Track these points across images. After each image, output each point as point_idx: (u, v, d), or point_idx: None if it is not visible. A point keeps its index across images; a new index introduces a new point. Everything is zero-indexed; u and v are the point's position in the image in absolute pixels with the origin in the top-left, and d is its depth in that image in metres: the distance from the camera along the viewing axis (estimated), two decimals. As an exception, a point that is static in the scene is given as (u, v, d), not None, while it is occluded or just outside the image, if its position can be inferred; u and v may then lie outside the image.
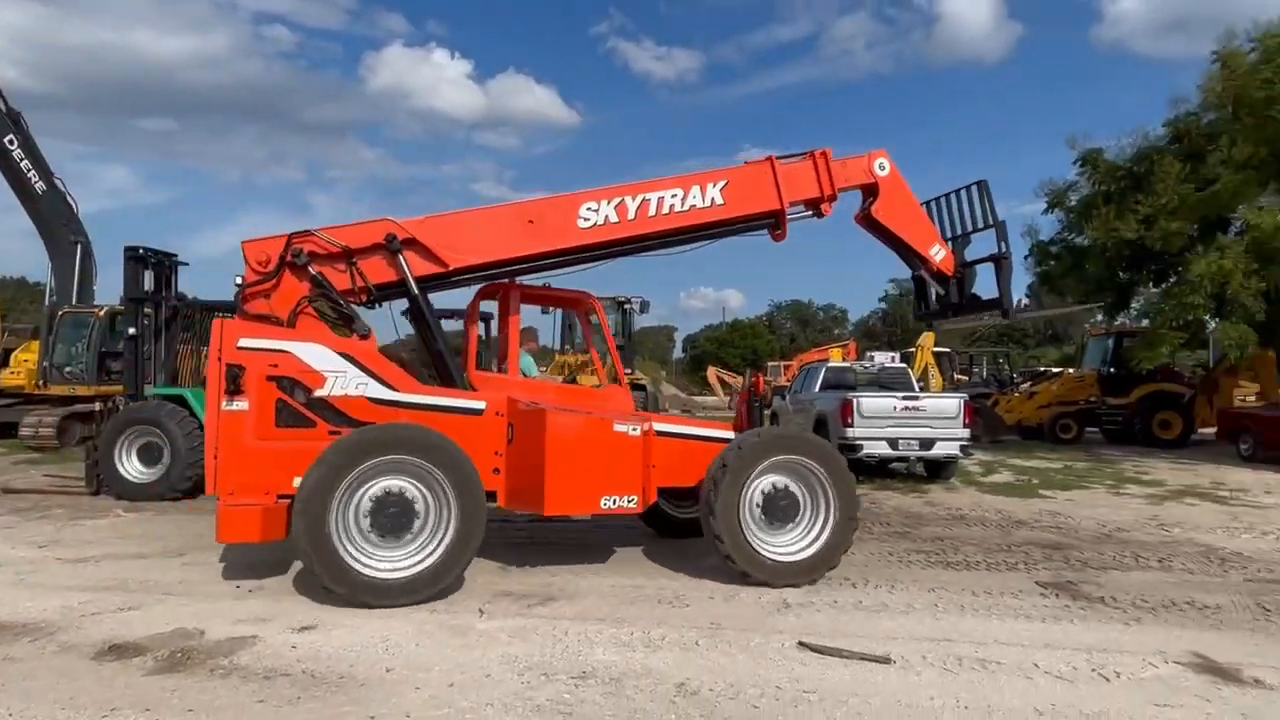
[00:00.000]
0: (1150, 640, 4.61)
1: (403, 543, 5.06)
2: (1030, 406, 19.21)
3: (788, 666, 4.08)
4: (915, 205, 7.09)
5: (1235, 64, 14.38)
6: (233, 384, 5.13)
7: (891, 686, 3.85)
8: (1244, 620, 5.07)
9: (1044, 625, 4.89)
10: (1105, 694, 3.80)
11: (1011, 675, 4.02)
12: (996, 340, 61.78)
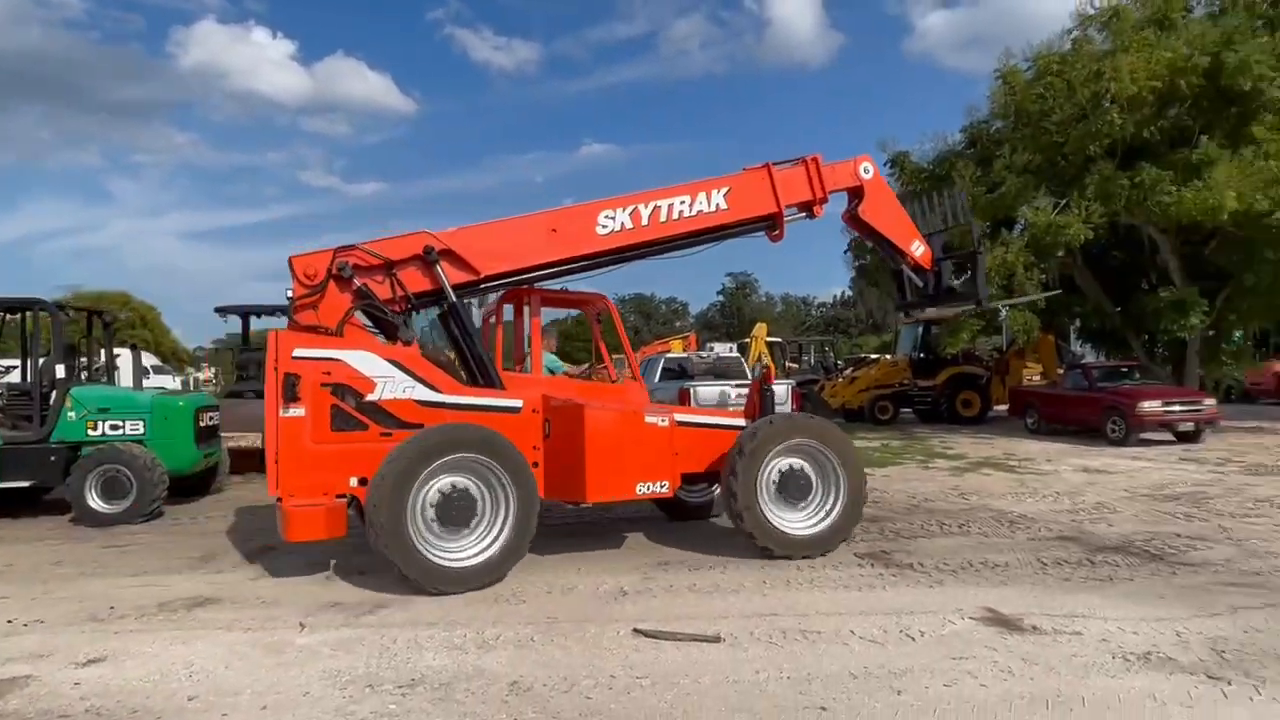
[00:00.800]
0: (950, 600, 5.05)
1: (462, 534, 5.42)
2: (852, 391, 20.58)
3: (622, 654, 4.11)
4: (897, 205, 7.64)
5: (1014, 80, 16.04)
6: (289, 392, 5.40)
7: (721, 664, 3.98)
8: (1027, 575, 5.66)
9: (860, 594, 5.24)
10: (911, 653, 4.12)
11: (830, 643, 4.27)
12: (824, 330, 65.89)
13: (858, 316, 69.34)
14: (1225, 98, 13.92)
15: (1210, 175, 13.60)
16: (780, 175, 7.03)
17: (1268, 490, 9.16)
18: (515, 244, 6.39)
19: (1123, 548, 6.43)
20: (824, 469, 6.30)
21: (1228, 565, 5.85)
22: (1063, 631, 4.41)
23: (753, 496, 6.04)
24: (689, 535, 7.14)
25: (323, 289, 5.77)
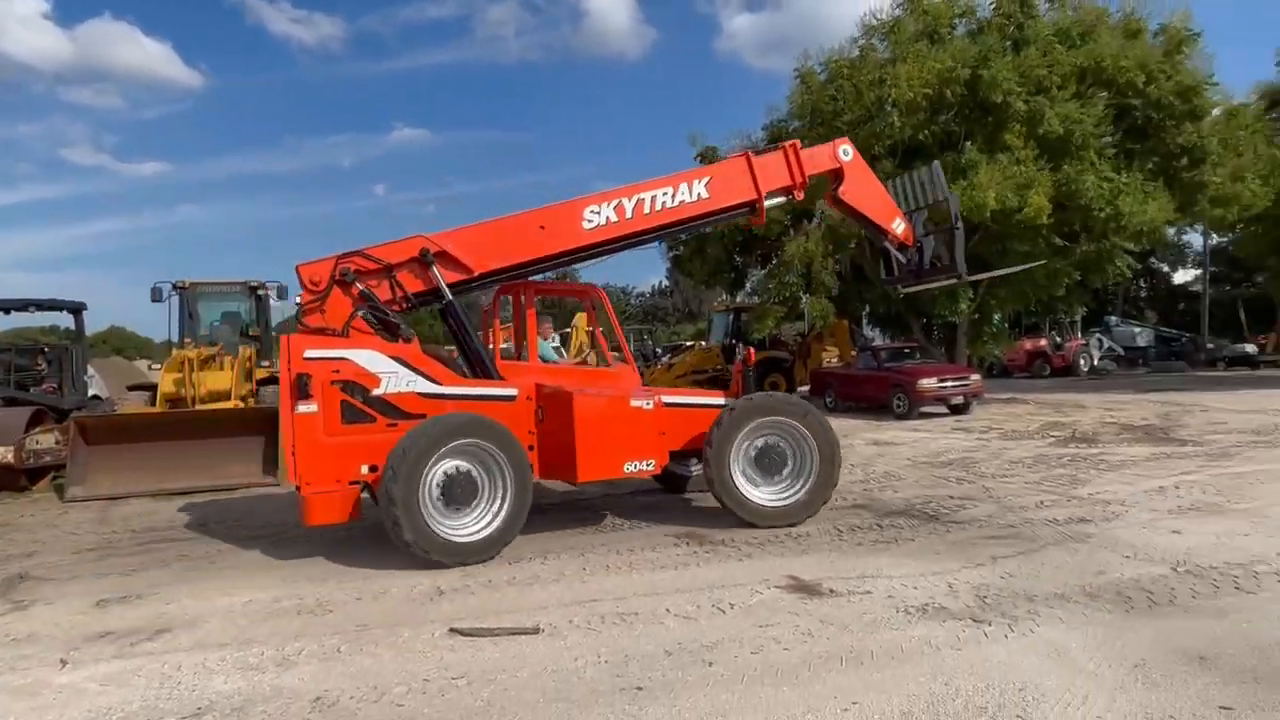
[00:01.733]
0: (758, 571, 5.34)
1: (463, 513, 5.85)
2: (669, 377, 21.21)
3: (437, 656, 3.98)
4: (876, 185, 7.81)
5: (810, 81, 17.18)
6: (302, 390, 5.84)
7: (540, 655, 3.96)
8: (825, 543, 6.10)
9: (675, 572, 5.41)
10: (722, 625, 4.30)
11: (647, 624, 4.37)
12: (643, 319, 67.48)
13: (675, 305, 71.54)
14: (983, 108, 15.67)
15: (975, 176, 15.28)
16: (760, 162, 7.28)
17: (1020, 453, 10.49)
18: (506, 242, 6.74)
19: (906, 511, 7.10)
20: (797, 444, 6.66)
21: (989, 520, 6.63)
22: (855, 592, 4.80)
23: (725, 469, 6.49)
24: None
25: (327, 294, 6.21)
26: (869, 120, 16.02)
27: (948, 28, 17.13)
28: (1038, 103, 14.82)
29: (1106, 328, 37.27)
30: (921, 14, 17.12)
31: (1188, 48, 15.71)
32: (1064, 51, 15.39)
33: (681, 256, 20.14)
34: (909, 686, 3.42)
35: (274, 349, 15.27)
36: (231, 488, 9.50)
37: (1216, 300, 42.73)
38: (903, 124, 15.54)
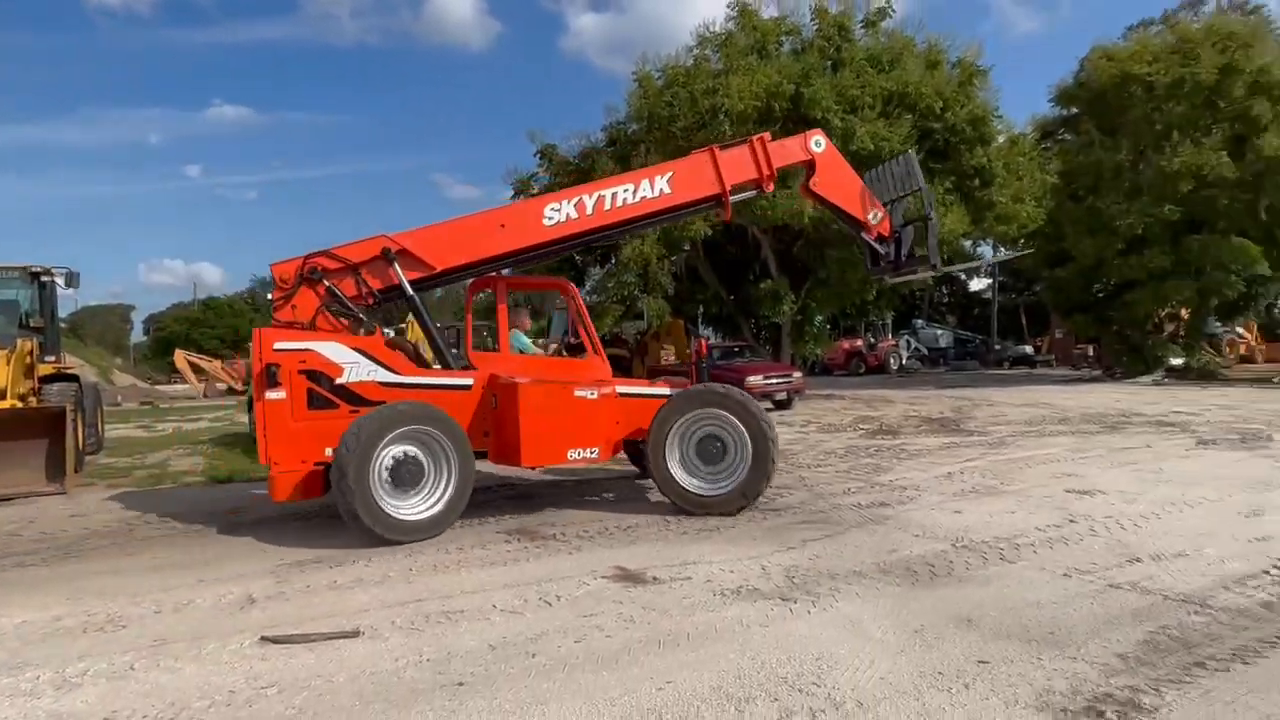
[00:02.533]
0: (586, 563, 5.46)
1: (411, 494, 6.25)
2: (509, 374, 21.06)
3: (245, 666, 3.77)
4: (850, 176, 7.69)
5: (648, 86, 17.63)
6: (271, 378, 6.28)
7: (358, 659, 3.85)
8: (652, 534, 6.32)
9: (505, 568, 5.42)
10: (548, 617, 4.38)
11: (472, 620, 4.36)
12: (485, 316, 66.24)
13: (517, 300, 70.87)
14: (805, 122, 16.72)
15: (794, 185, 16.28)
16: (724, 157, 7.28)
17: (834, 444, 11.33)
18: (466, 240, 7.01)
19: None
20: (735, 438, 6.77)
21: (802, 507, 7.14)
22: (677, 579, 5.02)
23: (662, 458, 6.75)
24: (335, 530, 6.76)
25: (295, 290, 6.65)
26: (703, 127, 16.66)
27: (775, 44, 18.15)
28: (851, 121, 16.04)
29: (914, 330, 40.88)
30: (752, 29, 18.03)
31: (978, 80, 17.57)
32: (875, 75, 16.75)
33: (521, 253, 20.03)
34: (720, 663, 3.65)
35: (60, 341, 13.70)
36: (9, 497, 8.46)
37: (1004, 307, 48.01)
38: (734, 132, 16.28)
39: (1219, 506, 6.59)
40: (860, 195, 7.73)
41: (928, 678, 3.44)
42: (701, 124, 16.74)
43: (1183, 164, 19.81)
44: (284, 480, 6.34)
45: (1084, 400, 17.17)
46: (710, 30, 18.47)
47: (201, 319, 61.65)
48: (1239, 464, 8.69)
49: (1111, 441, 10.81)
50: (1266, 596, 4.34)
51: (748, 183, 7.48)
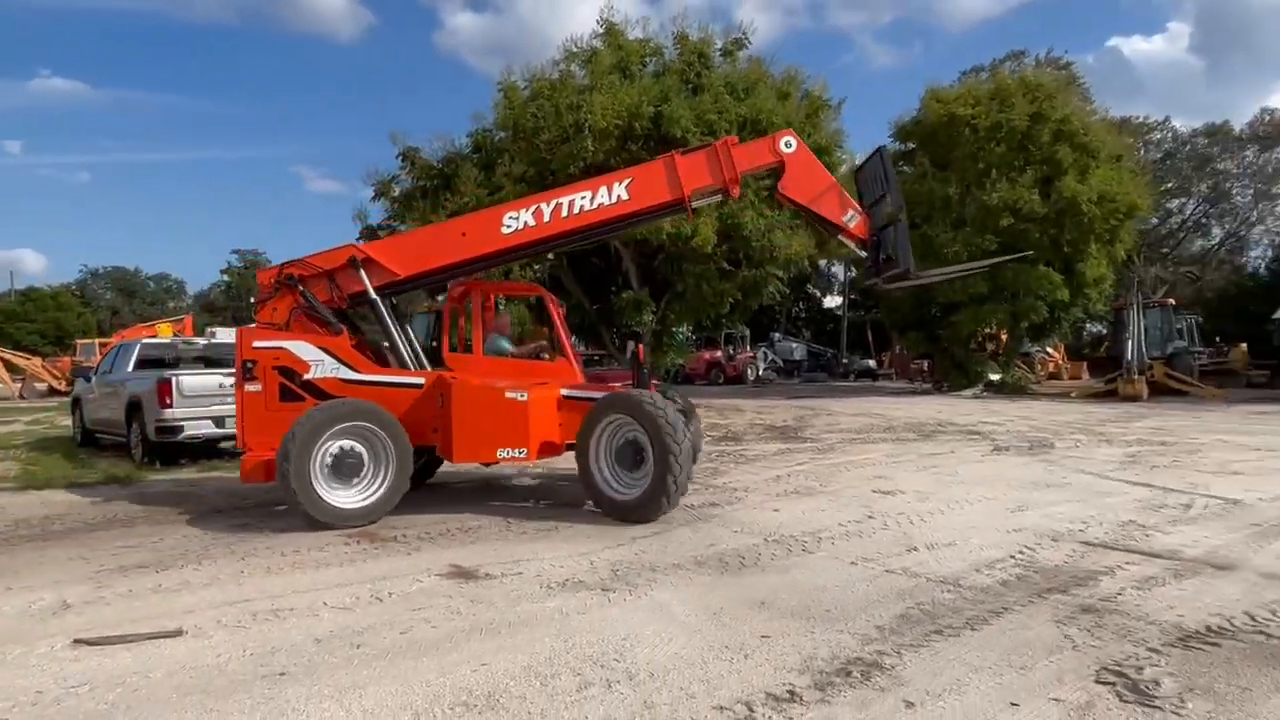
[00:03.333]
0: (423, 563, 5.65)
1: (351, 484, 6.85)
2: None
3: (55, 668, 3.76)
4: (822, 177, 7.43)
5: (513, 96, 17.84)
6: (249, 373, 7.17)
7: (179, 656, 3.91)
8: (494, 535, 6.57)
9: (340, 569, 5.53)
10: (378, 612, 4.57)
11: (301, 617, 4.48)
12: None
13: (380, 304, 68.66)
14: (665, 142, 17.46)
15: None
16: (684, 162, 7.29)
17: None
18: (429, 249, 7.55)
19: (572, 503, 7.86)
20: (647, 443, 6.72)
21: (638, 508, 7.59)
22: (509, 574, 5.32)
23: (585, 461, 6.94)
24: (161, 534, 6.60)
25: (274, 295, 7.47)
26: (566, 141, 17.05)
27: (639, 64, 18.82)
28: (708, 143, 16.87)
29: (771, 343, 42.93)
30: (617, 49, 18.62)
31: (824, 113, 18.93)
32: (731, 101, 17.73)
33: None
34: (535, 647, 3.99)
35: None
36: None
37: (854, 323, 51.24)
38: (595, 148, 16.78)
39: (993, 504, 7.58)
40: (833, 197, 7.43)
41: (715, 650, 3.91)
42: (565, 138, 17.12)
43: (1000, 199, 22.11)
44: (251, 463, 7.00)
45: (910, 411, 18.80)
46: (577, 46, 18.93)
47: (19, 311, 55.92)
48: (1021, 467, 9.94)
49: (923, 448, 12.01)
50: (1005, 577, 5.15)
51: (710, 188, 7.42)
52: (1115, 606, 4.51)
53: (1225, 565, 5.35)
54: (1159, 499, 7.67)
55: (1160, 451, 11.09)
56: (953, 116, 23.21)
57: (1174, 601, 4.59)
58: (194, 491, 8.87)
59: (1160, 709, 3.21)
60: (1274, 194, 43.19)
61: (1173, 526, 6.50)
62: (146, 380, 10.96)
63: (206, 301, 71.18)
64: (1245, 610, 4.39)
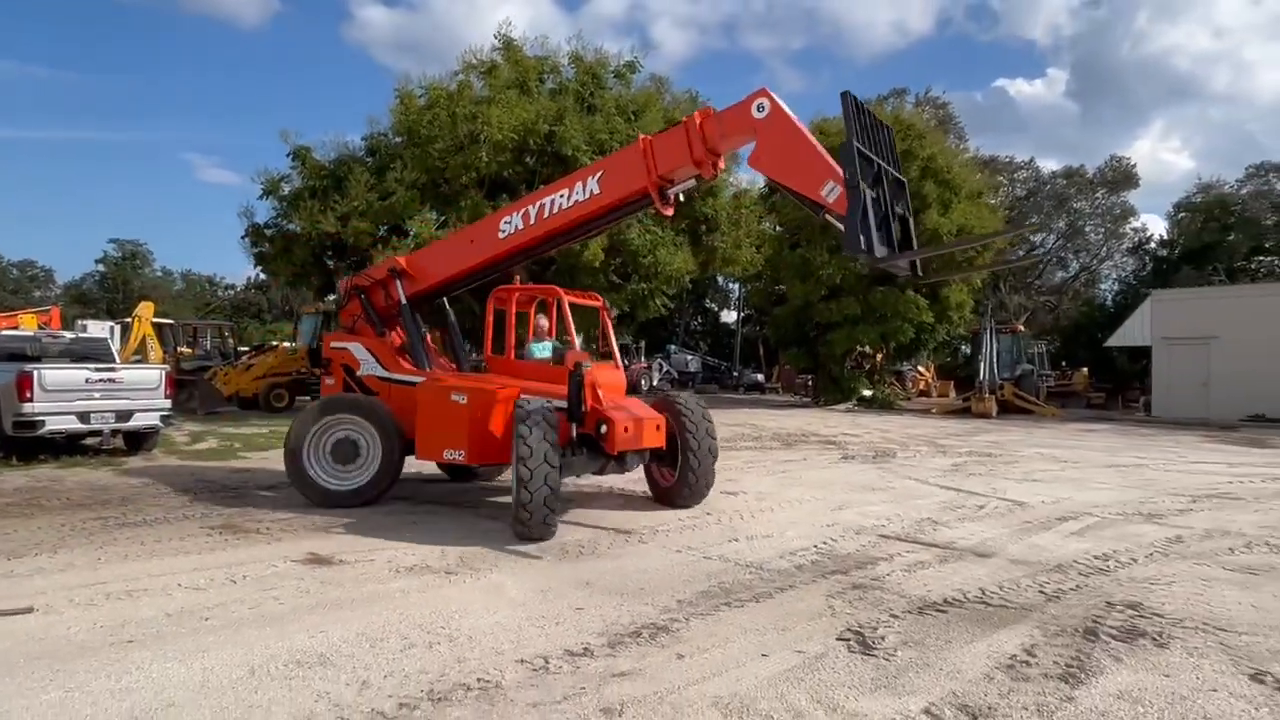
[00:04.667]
0: (282, 551, 6.02)
1: (348, 468, 7.75)
2: (247, 378, 20.19)
3: (-97, 639, 4.00)
4: (799, 145, 6.30)
5: (409, 103, 18.05)
6: (326, 368, 8.62)
7: (31, 628, 4.21)
8: (357, 526, 6.96)
9: (199, 556, 5.83)
10: (230, 592, 4.94)
11: (154, 596, 4.82)
12: (231, 314, 61.25)
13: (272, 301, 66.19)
14: (558, 158, 18.08)
15: (547, 215, 17.53)
16: (657, 143, 6.89)
17: (555, 454, 12.49)
18: (446, 257, 8.36)
19: (441, 499, 8.31)
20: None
21: (506, 504, 8.12)
22: (362, 560, 5.77)
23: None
24: (19, 524, 6.67)
25: (346, 301, 8.97)
26: (460, 150, 17.40)
27: (536, 81, 19.36)
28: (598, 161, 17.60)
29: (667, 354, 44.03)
30: (515, 64, 19.11)
31: (710, 139, 19.97)
32: (623, 122, 18.51)
33: (267, 254, 19.41)
34: (371, 618, 4.48)
35: None
36: None
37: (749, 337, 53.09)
38: (490, 160, 17.21)
39: (819, 504, 8.51)
40: (810, 166, 6.25)
41: (533, 620, 4.52)
42: (460, 147, 17.47)
43: (871, 228, 23.80)
44: None
45: (782, 423, 20.00)
46: (476, 58, 19.30)
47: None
48: (859, 473, 11.01)
49: (781, 455, 13.01)
50: (802, 562, 5.98)
51: (684, 170, 6.83)
52: (880, 584, 5.38)
53: (985, 553, 6.36)
54: (959, 501, 8.79)
55: (983, 461, 12.45)
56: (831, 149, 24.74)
57: (929, 581, 5.50)
58: (53, 487, 8.81)
59: (875, 656, 4.02)
60: (1120, 233, 47.76)
61: (960, 524, 7.55)
62: (6, 373, 10.67)
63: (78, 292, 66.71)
64: (981, 587, 5.34)
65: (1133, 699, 3.54)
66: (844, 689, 3.61)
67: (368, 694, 3.47)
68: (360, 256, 19.68)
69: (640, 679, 3.69)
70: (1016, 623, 4.60)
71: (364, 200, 17.24)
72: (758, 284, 29.08)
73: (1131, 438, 17.56)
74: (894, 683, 3.68)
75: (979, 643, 4.24)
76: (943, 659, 4.00)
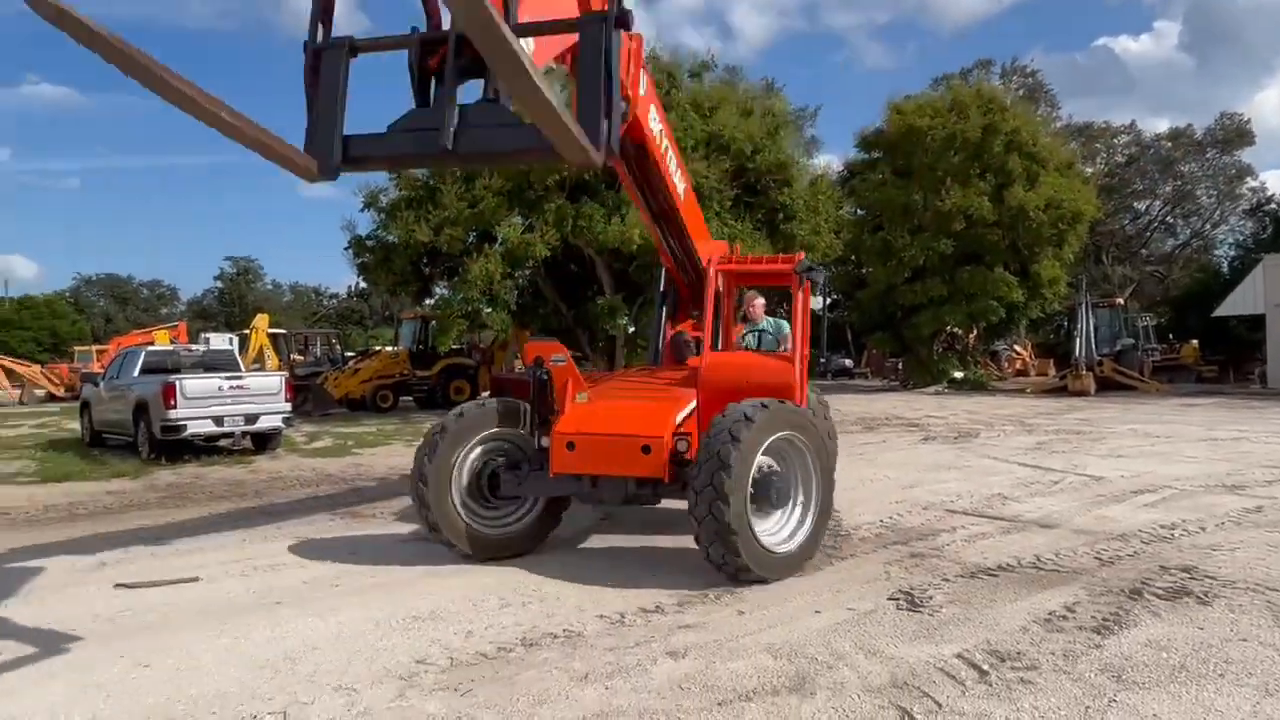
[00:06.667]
0: (392, 531, 6.83)
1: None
2: (355, 381, 21.70)
3: (104, 603, 4.91)
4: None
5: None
6: None
7: (198, 593, 5.08)
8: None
9: (326, 536, 6.68)
10: (353, 564, 5.71)
11: (292, 569, 5.65)
12: (336, 323, 64.93)
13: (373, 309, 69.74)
14: (633, 157, 18.64)
15: (627, 215, 18.14)
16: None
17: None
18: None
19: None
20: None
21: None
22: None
23: None
24: (178, 514, 7.75)
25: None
26: (543, 157, 18.14)
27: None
28: (674, 160, 18.06)
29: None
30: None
31: (784, 130, 20.15)
32: (697, 119, 18.92)
33: (368, 264, 20.80)
34: (472, 584, 5.15)
35: None
36: None
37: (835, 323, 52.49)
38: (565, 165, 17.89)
39: (891, 482, 8.78)
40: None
41: (614, 584, 5.09)
42: (542, 154, 18.22)
43: (953, 205, 23.38)
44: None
45: (867, 407, 20.02)
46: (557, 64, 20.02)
47: (14, 320, 56.65)
48: (935, 453, 11.15)
49: (860, 438, 13.21)
50: (865, 535, 6.33)
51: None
52: (939, 553, 5.71)
53: (1049, 525, 6.56)
54: (1035, 477, 8.88)
55: (1068, 439, 12.32)
56: (911, 128, 24.48)
57: (987, 549, 5.79)
58: (197, 482, 10.00)
59: (921, 612, 4.40)
60: (1236, 194, 44.63)
61: (1030, 498, 7.71)
62: (152, 384, 12.07)
63: (200, 308, 72.07)
64: (1037, 554, 5.59)
65: (1159, 646, 3.81)
66: (886, 639, 4.02)
67: (472, 640, 4.12)
68: (453, 263, 20.87)
69: (703, 630, 4.20)
70: (1064, 584, 4.87)
71: (455, 208, 18.26)
72: (841, 269, 28.91)
73: (1238, 411, 16.82)
74: (934, 634, 4.07)
75: (1022, 601, 4.55)
76: (984, 615, 4.34)
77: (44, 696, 3.53)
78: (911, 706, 3.26)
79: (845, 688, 3.45)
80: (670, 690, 3.46)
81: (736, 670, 3.66)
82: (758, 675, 3.60)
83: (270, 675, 3.71)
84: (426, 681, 3.61)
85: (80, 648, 4.13)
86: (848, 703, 3.31)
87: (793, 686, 3.48)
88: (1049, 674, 3.54)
